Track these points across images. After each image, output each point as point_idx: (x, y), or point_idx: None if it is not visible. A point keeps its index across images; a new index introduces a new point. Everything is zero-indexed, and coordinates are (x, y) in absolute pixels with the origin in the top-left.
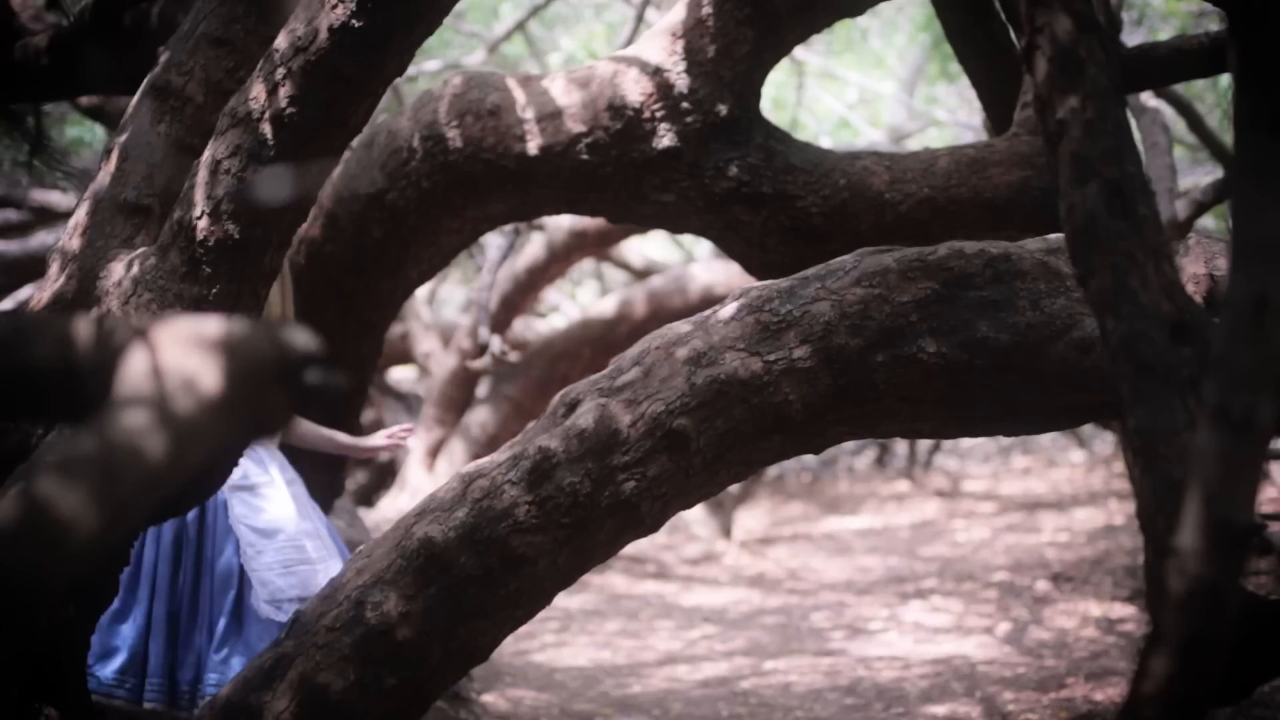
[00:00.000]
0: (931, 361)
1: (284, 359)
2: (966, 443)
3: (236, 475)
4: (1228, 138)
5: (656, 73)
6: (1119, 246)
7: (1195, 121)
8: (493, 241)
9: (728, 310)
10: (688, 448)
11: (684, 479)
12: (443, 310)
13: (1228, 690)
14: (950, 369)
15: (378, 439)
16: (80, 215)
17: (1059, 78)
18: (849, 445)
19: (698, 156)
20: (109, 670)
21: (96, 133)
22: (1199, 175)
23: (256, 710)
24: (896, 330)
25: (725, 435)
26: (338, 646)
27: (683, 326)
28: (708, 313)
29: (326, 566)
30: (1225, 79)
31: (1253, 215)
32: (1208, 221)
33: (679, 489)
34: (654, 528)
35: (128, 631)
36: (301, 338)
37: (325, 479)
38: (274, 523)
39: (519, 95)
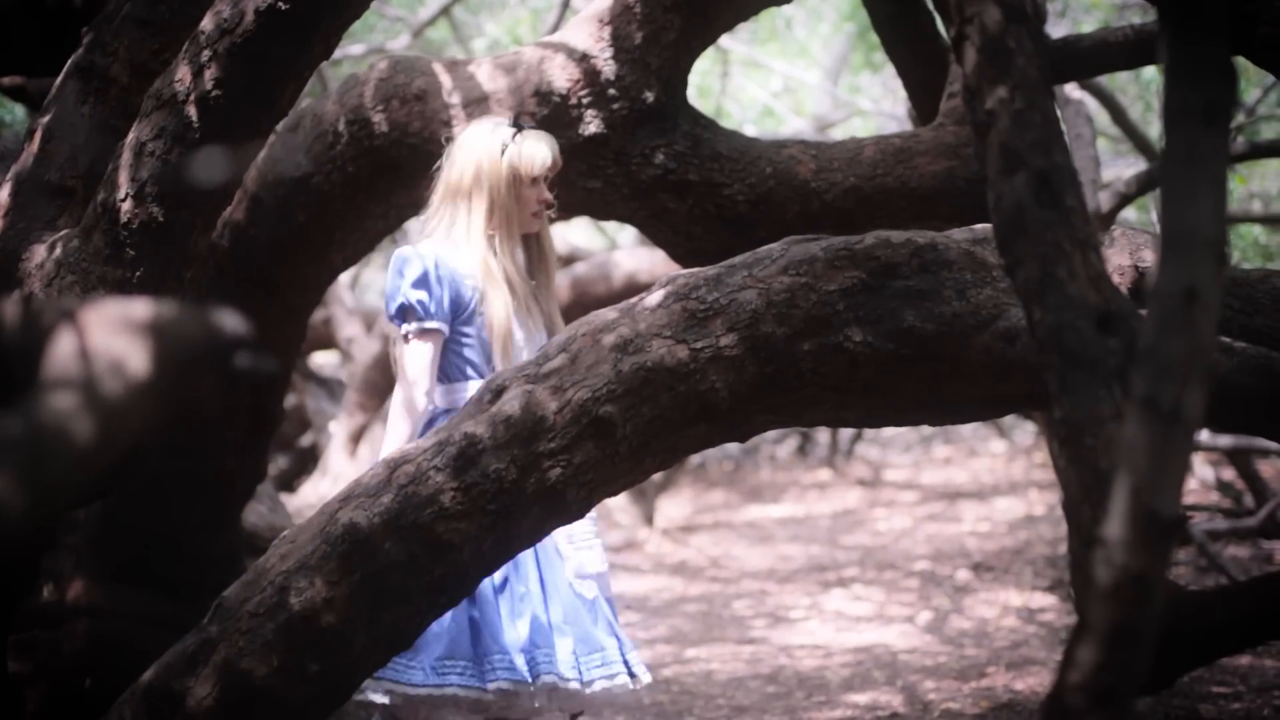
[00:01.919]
0: (858, 350)
1: (212, 342)
2: (888, 432)
3: None
4: (1150, 130)
5: (583, 59)
6: (1047, 237)
7: (1118, 113)
8: (416, 227)
9: (654, 298)
10: (614, 435)
11: (610, 466)
12: (365, 295)
13: (1151, 680)
14: (876, 358)
15: None
16: (2, 196)
17: (988, 68)
18: (771, 434)
19: (624, 143)
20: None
21: (17, 113)
22: (1121, 167)
23: (179, 696)
24: (823, 319)
25: (651, 423)
26: (261, 632)
27: (609, 314)
28: (634, 300)
29: (589, 546)
30: (1148, 71)
31: (1181, 207)
32: (1130, 213)
33: (605, 476)
34: (579, 514)
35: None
36: (229, 321)
37: (247, 463)
38: None
39: (445, 80)
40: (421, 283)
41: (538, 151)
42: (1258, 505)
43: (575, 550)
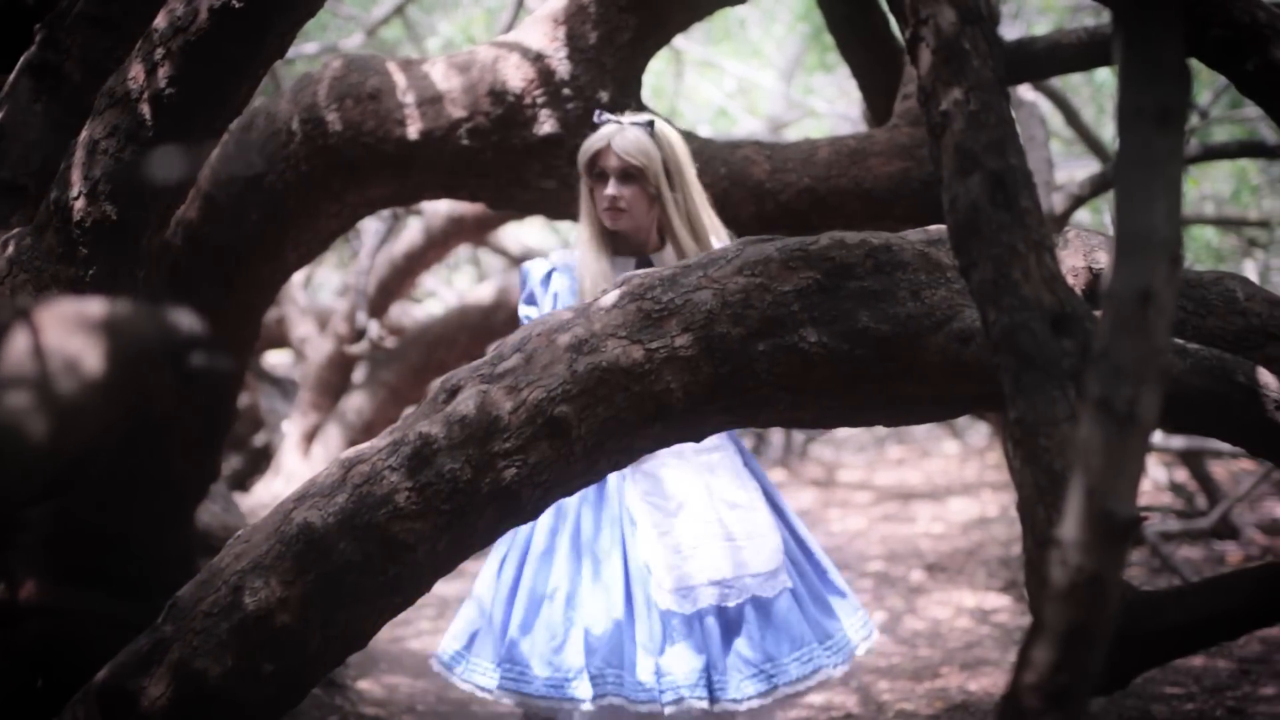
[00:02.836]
0: (812, 351)
1: (166, 341)
2: (842, 433)
3: None
4: (1104, 132)
5: (538, 59)
6: (1001, 238)
7: (1072, 115)
8: (370, 226)
9: (610, 298)
10: (569, 435)
11: (565, 466)
12: (319, 295)
13: (1105, 681)
14: (831, 358)
15: None
16: None
17: (943, 69)
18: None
19: (579, 143)
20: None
21: None
22: (1075, 169)
23: (132, 695)
24: (778, 319)
25: (606, 423)
26: (215, 632)
27: (564, 314)
28: (590, 301)
29: (761, 541)
30: (1101, 73)
31: (1136, 208)
32: (1083, 215)
33: (560, 476)
34: (534, 515)
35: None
36: (182, 320)
37: (201, 462)
38: (678, 499)
39: (399, 79)
40: (530, 300)
41: (589, 141)
42: (1210, 506)
43: (681, 558)
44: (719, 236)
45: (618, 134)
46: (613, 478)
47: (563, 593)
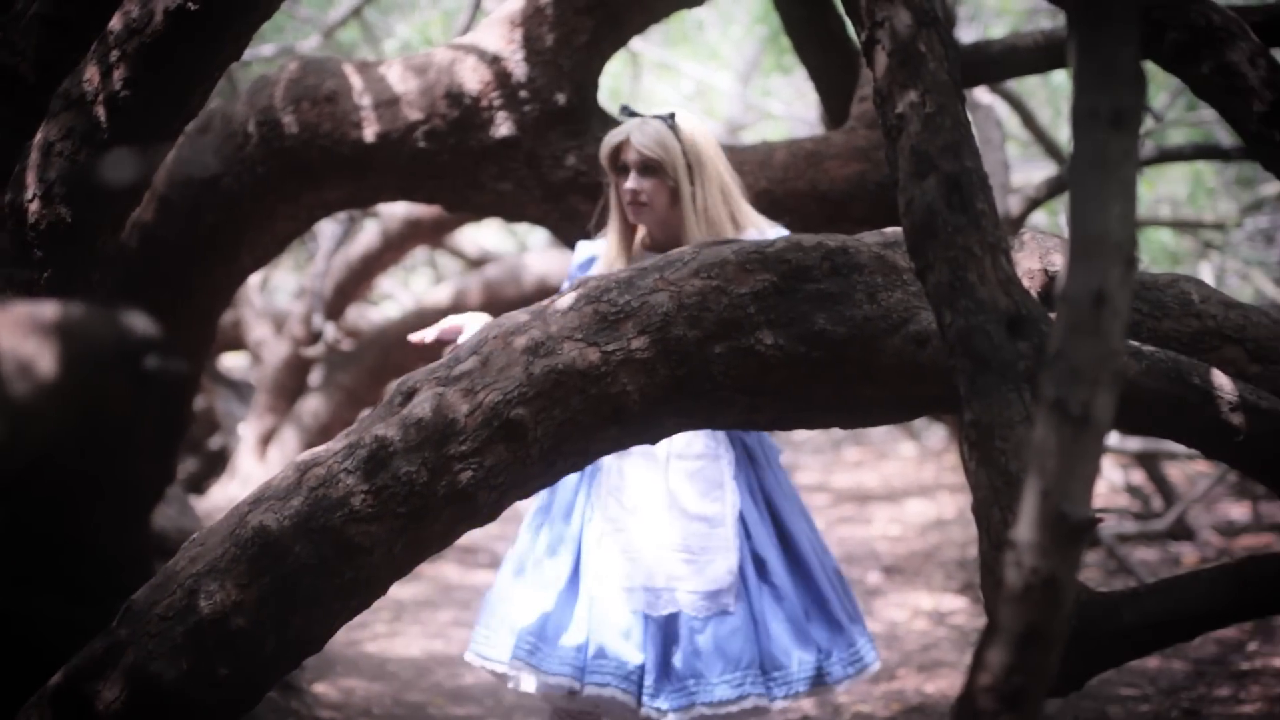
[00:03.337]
0: (769, 353)
1: (121, 344)
2: (799, 435)
3: None
4: (1059, 134)
5: (495, 61)
6: (957, 241)
7: (1028, 118)
8: (326, 229)
9: (566, 300)
10: (525, 437)
11: (521, 469)
12: (275, 297)
13: (1061, 682)
14: (787, 361)
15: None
16: None
17: (899, 72)
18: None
19: (535, 146)
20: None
21: None
22: (1030, 171)
23: (87, 699)
24: (734, 322)
25: (563, 425)
26: (170, 636)
27: (521, 316)
28: (546, 302)
29: (710, 560)
30: (1057, 76)
31: (1091, 210)
32: (1039, 217)
33: (516, 479)
34: (490, 518)
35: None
36: (138, 322)
37: (156, 466)
38: (638, 500)
39: (356, 81)
40: (571, 275)
41: (608, 136)
42: (1166, 508)
43: (624, 558)
44: (750, 233)
45: (638, 128)
46: (606, 460)
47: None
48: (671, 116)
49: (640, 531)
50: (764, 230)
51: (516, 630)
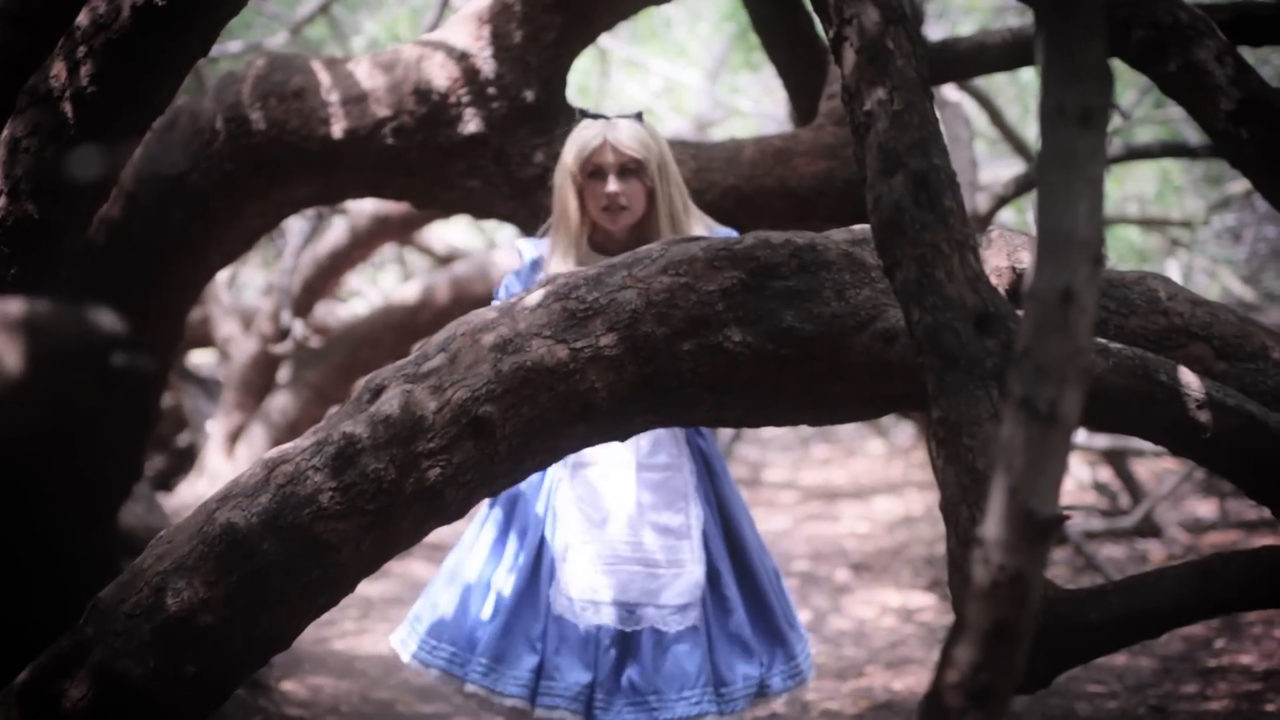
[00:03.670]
0: (737, 350)
1: (88, 341)
2: (767, 432)
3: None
4: (1027, 132)
5: (463, 58)
6: (925, 238)
7: (995, 115)
8: (294, 225)
9: (534, 297)
10: (493, 435)
11: (489, 466)
12: (243, 294)
13: (1029, 679)
14: (755, 358)
15: None
16: None
17: (867, 69)
18: None
19: (504, 143)
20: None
21: None
22: (998, 168)
23: (53, 697)
24: (703, 319)
25: (531, 423)
26: (137, 634)
27: (489, 313)
28: (514, 299)
29: (679, 572)
30: (1025, 73)
31: (1058, 208)
32: (1006, 215)
33: (484, 476)
34: (459, 515)
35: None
36: (105, 319)
37: (123, 463)
38: (607, 512)
39: (324, 78)
40: (517, 275)
41: (580, 138)
42: (1133, 505)
43: (594, 571)
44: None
45: (611, 128)
46: (553, 469)
47: (480, 574)
48: (639, 116)
49: (612, 544)
50: (714, 230)
51: (470, 646)
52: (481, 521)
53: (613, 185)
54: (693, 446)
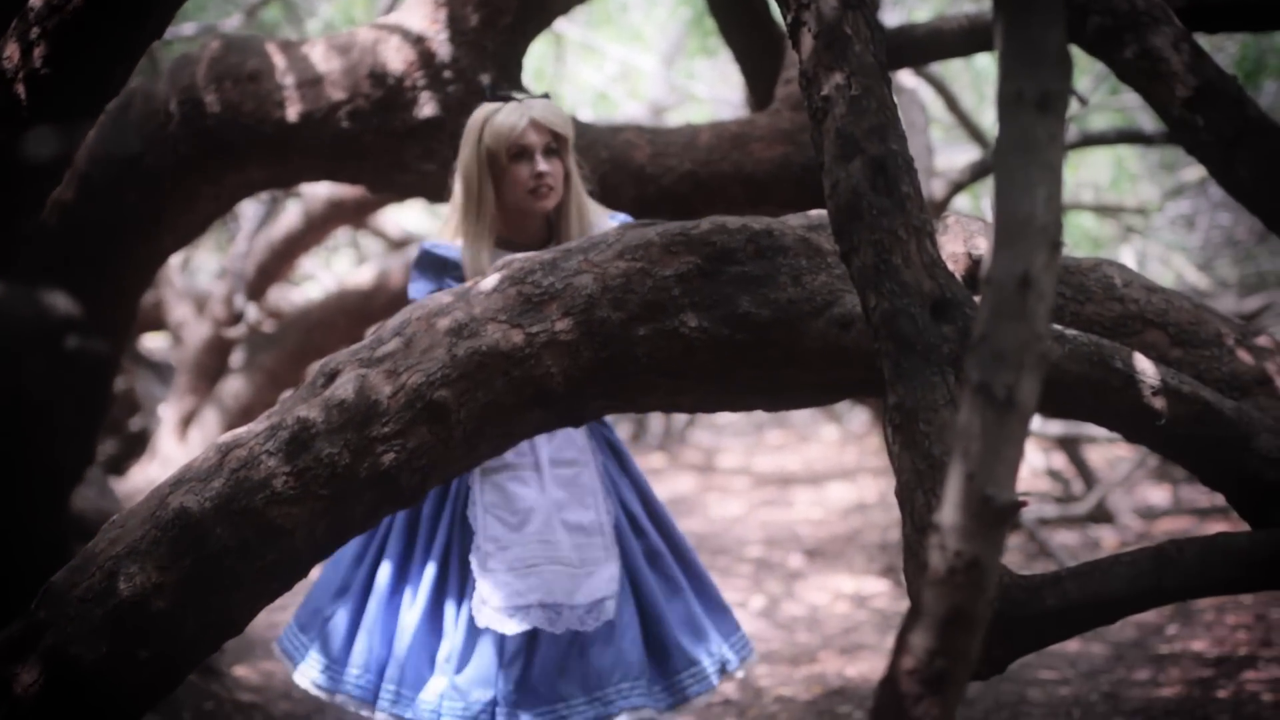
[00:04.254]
0: (693, 336)
1: (41, 324)
2: (722, 417)
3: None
4: (983, 118)
5: (419, 41)
6: (882, 224)
7: (951, 101)
8: (248, 209)
9: (490, 282)
10: (448, 419)
11: (444, 450)
12: (196, 278)
13: (983, 665)
14: (711, 343)
15: None
16: None
17: (825, 54)
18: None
19: (460, 126)
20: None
21: None
22: (954, 154)
23: (5, 682)
24: (658, 304)
25: (486, 407)
26: (89, 618)
27: (444, 297)
28: (470, 284)
29: (591, 571)
30: (981, 60)
31: (1016, 194)
32: (962, 201)
33: (439, 460)
34: (413, 500)
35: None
36: (58, 302)
37: (75, 447)
38: (524, 513)
39: (278, 61)
40: (417, 289)
41: (505, 121)
42: (1087, 492)
43: (515, 575)
44: (604, 219)
45: (530, 108)
46: (457, 480)
47: (382, 592)
48: (546, 96)
49: (531, 545)
50: (614, 216)
51: (372, 668)
52: (365, 536)
53: (541, 164)
54: (598, 439)
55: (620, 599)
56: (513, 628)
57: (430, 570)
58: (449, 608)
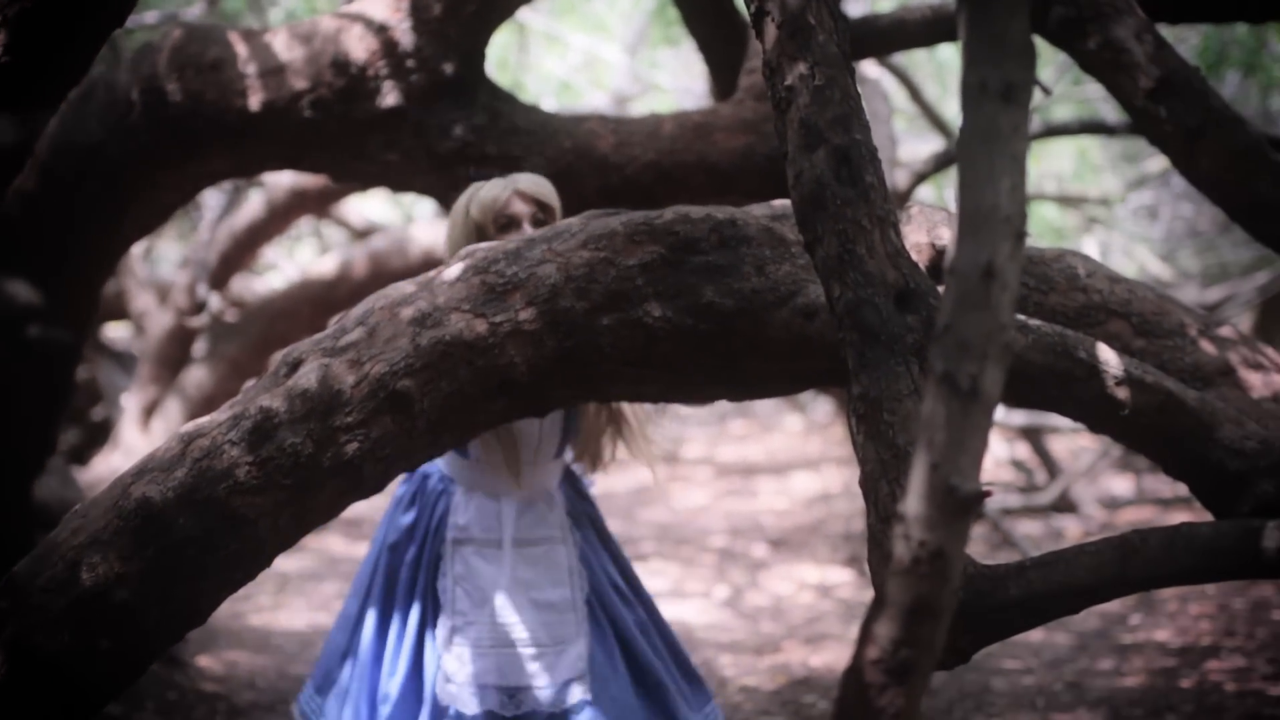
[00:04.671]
0: (657, 326)
1: (3, 313)
2: (685, 408)
3: (463, 528)
4: (946, 108)
5: (381, 30)
6: (846, 213)
7: (915, 92)
8: (211, 198)
9: (453, 271)
10: (411, 409)
11: (407, 440)
12: (159, 267)
13: (948, 655)
14: (675, 333)
15: None
16: None
17: (788, 44)
18: None
19: (422, 116)
20: None
21: None
22: (917, 145)
23: None
24: (622, 294)
25: (450, 397)
26: (52, 608)
27: (408, 287)
28: (433, 273)
29: (562, 649)
30: (944, 50)
31: (980, 184)
32: (925, 191)
33: (402, 450)
34: (376, 489)
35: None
36: (20, 291)
37: (37, 436)
38: (483, 591)
39: (241, 50)
40: None
41: (490, 193)
42: (1050, 482)
43: (477, 653)
44: None
45: (514, 181)
46: (429, 549)
47: (365, 660)
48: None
49: (492, 626)
50: None
51: None
52: (360, 595)
53: (530, 233)
54: (580, 515)
55: (610, 670)
56: (472, 707)
57: (409, 639)
58: (426, 677)
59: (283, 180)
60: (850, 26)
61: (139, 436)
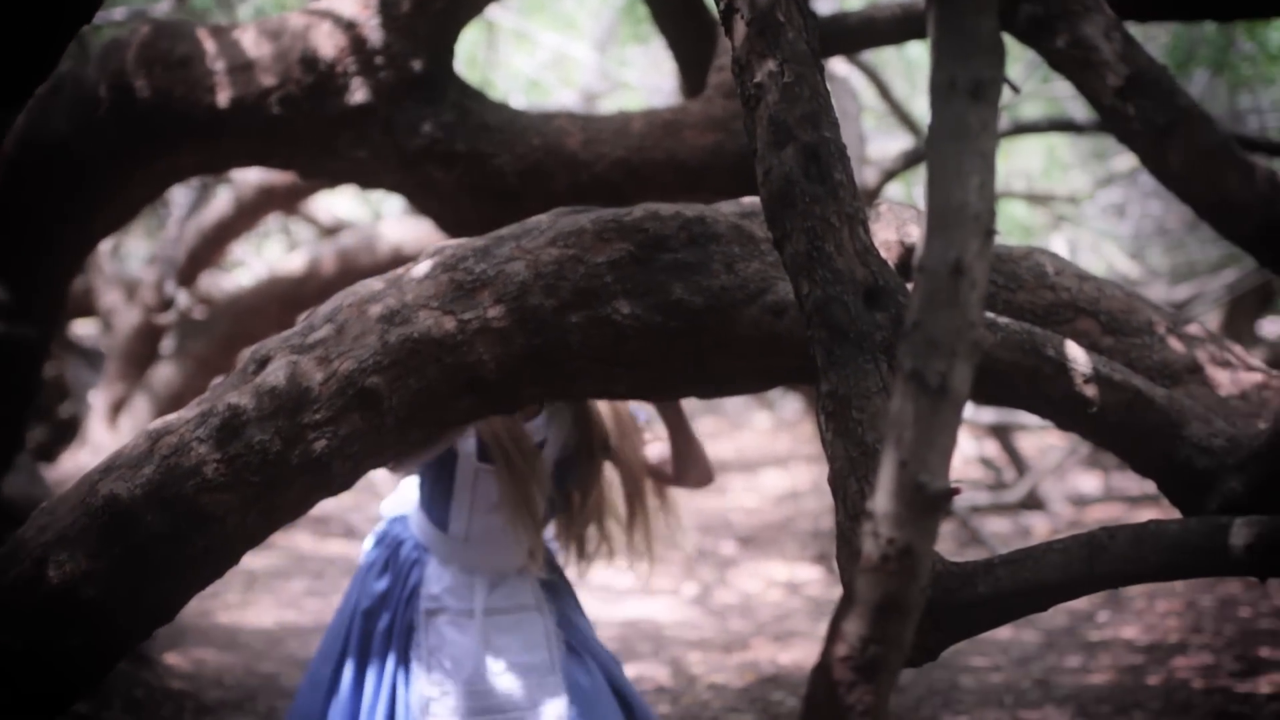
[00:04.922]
0: (625, 323)
1: None
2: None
3: (435, 598)
4: (915, 106)
5: (350, 26)
6: (815, 211)
7: (884, 89)
8: (179, 195)
9: (422, 268)
10: (380, 406)
11: (376, 437)
12: (127, 264)
13: (916, 653)
14: (644, 331)
15: None
16: None
17: (757, 41)
18: None
19: (391, 113)
20: None
21: None
22: (886, 143)
23: None
24: (591, 291)
25: (418, 394)
26: (19, 606)
27: (376, 284)
28: (402, 270)
29: (540, 710)
30: (912, 48)
31: (949, 182)
32: (894, 189)
33: (371, 448)
34: (345, 486)
35: None
36: None
37: (4, 434)
38: (458, 660)
39: (209, 46)
40: None
41: None
42: (1018, 479)
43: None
44: None
45: None
46: (400, 617)
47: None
48: None
49: (467, 694)
50: None
51: None
52: (333, 660)
53: None
54: (552, 584)
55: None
56: None
57: (382, 708)
58: None
59: (251, 177)
60: (819, 24)
61: (107, 434)
